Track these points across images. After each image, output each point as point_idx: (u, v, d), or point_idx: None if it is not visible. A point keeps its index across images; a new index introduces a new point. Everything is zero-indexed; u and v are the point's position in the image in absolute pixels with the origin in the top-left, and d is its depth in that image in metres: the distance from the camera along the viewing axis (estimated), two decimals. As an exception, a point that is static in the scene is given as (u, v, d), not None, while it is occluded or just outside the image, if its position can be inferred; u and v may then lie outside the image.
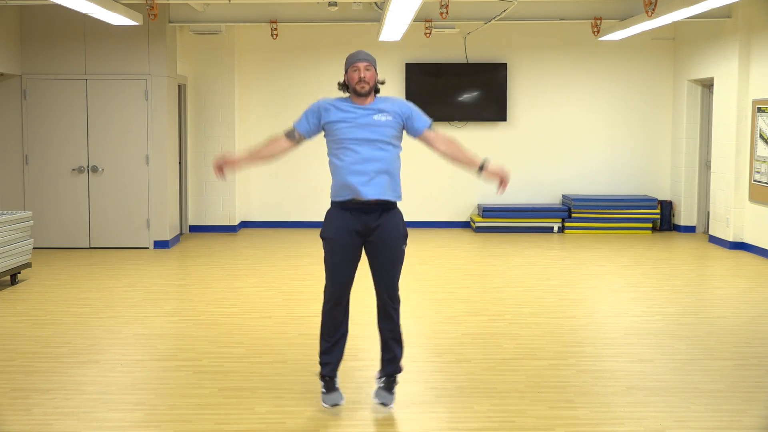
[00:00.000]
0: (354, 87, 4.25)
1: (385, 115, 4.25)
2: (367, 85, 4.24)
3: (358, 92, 4.25)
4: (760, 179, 9.24)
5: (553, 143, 11.53)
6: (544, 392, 4.66)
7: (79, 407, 4.43)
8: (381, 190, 4.23)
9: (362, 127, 4.22)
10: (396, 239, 4.31)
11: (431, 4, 8.93)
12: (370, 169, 4.20)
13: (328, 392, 4.37)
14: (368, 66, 4.26)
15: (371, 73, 4.26)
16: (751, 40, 9.47)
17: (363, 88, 4.24)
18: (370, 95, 4.29)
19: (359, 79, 4.23)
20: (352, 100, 4.29)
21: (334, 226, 4.30)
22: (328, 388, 4.38)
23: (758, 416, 4.33)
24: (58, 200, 9.67)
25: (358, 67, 4.24)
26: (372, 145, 4.21)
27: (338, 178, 4.27)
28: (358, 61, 4.26)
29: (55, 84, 9.62)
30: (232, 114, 11.09)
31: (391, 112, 4.28)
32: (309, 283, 7.64)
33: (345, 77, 4.30)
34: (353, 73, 4.25)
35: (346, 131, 4.23)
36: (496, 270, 8.49)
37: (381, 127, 4.23)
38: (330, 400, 4.35)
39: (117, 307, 6.81)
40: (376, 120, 4.23)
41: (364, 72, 4.24)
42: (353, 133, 4.22)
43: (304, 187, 11.41)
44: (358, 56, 4.28)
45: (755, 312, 6.62)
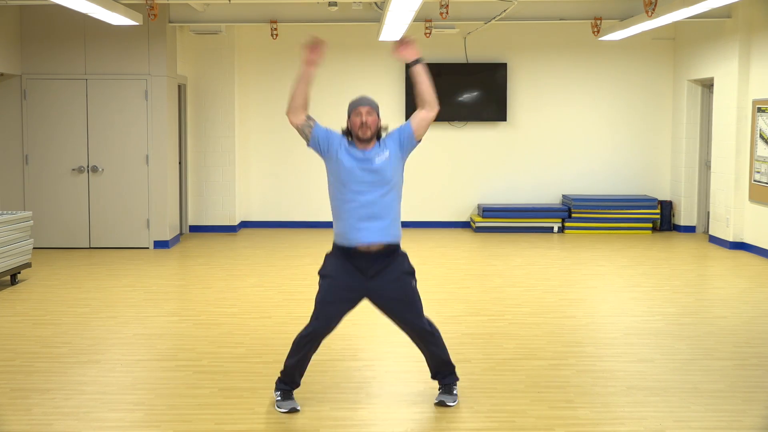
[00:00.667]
0: (356, 133, 4.23)
1: (386, 154, 4.24)
2: (369, 130, 4.22)
3: (360, 138, 4.23)
4: (760, 179, 9.24)
5: (553, 143, 11.53)
6: (544, 392, 4.66)
7: (79, 407, 4.43)
8: (381, 235, 4.21)
9: (366, 172, 4.20)
10: (401, 277, 4.30)
11: (431, 4, 8.92)
12: (372, 215, 4.19)
13: (284, 399, 4.37)
14: (370, 111, 4.23)
15: (373, 118, 4.23)
16: (751, 40, 9.47)
17: (365, 134, 4.22)
18: (372, 141, 4.27)
19: (361, 124, 4.21)
20: (356, 145, 4.26)
21: (335, 265, 4.29)
22: (285, 397, 4.38)
23: (758, 416, 4.33)
24: (58, 200, 9.67)
25: (360, 112, 4.22)
26: (375, 189, 4.20)
27: (341, 224, 4.26)
28: (360, 106, 4.24)
29: (55, 84, 9.62)
30: (232, 114, 11.09)
31: (389, 146, 4.27)
32: (309, 283, 7.63)
33: (348, 122, 4.28)
34: (356, 118, 4.23)
35: (349, 174, 4.20)
36: (496, 270, 8.49)
37: (384, 170, 4.22)
38: (287, 405, 4.34)
39: (117, 307, 6.81)
40: (378, 164, 4.21)
41: (366, 117, 4.21)
42: (357, 177, 4.20)
43: (304, 187, 11.41)
44: (360, 101, 4.26)
45: (755, 312, 6.62)
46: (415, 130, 4.30)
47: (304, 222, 11.48)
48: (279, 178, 11.53)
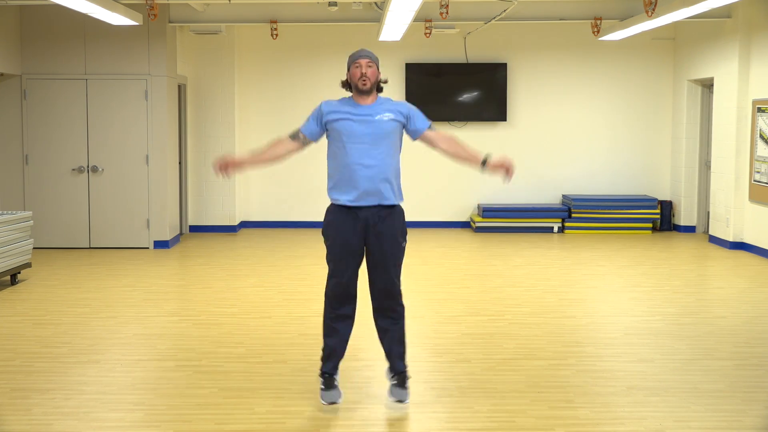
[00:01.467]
0: (356, 83, 4.27)
1: (387, 115, 4.27)
2: (369, 81, 4.25)
3: (360, 89, 4.26)
4: (760, 179, 9.24)
5: (553, 143, 11.53)
6: (544, 392, 4.66)
7: (79, 407, 4.43)
8: (381, 195, 4.26)
9: (363, 125, 4.23)
10: (395, 235, 4.33)
11: (431, 4, 8.92)
12: (371, 174, 4.21)
13: (327, 389, 4.38)
14: (370, 63, 4.28)
15: (373, 70, 4.27)
16: (751, 40, 9.47)
17: (365, 84, 4.25)
18: (372, 94, 4.30)
19: (361, 75, 4.24)
20: (354, 99, 4.31)
21: (336, 223, 4.32)
22: (327, 385, 4.39)
23: (758, 416, 4.33)
24: (58, 200, 9.67)
25: (360, 64, 4.26)
26: (373, 145, 4.23)
27: (339, 180, 4.28)
28: (360, 58, 4.27)
29: (55, 84, 9.62)
30: (232, 114, 11.09)
31: (393, 111, 4.30)
32: (309, 283, 7.64)
33: (347, 75, 4.32)
34: (355, 69, 4.27)
35: (347, 129, 4.24)
36: (496, 270, 8.49)
37: (383, 127, 4.25)
38: (328, 397, 4.36)
39: (117, 307, 6.81)
40: (377, 120, 4.25)
41: (366, 68, 4.25)
42: (354, 130, 4.23)
43: (304, 187, 11.41)
44: (360, 53, 4.29)
45: (755, 312, 6.62)
46: (421, 136, 4.37)
47: (304, 222, 11.48)
48: (279, 178, 11.52)
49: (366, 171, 4.22)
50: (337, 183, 4.30)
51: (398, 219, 4.35)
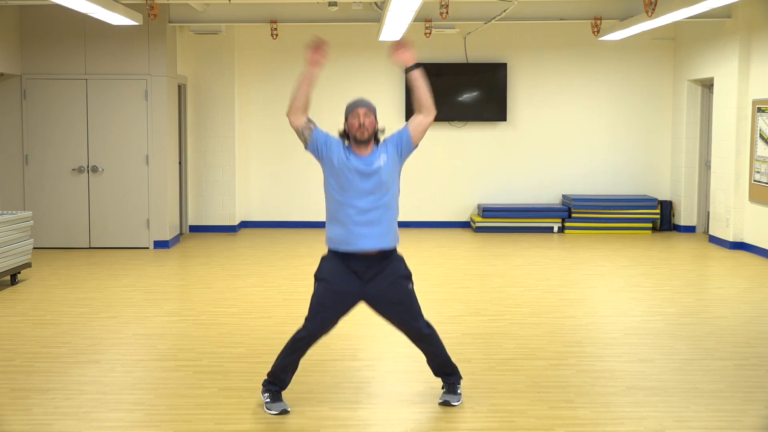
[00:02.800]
0: (354, 134, 4.20)
1: (383, 159, 4.22)
2: (367, 131, 4.19)
3: (358, 139, 4.20)
4: (760, 179, 9.24)
5: (553, 143, 11.53)
6: (544, 392, 4.66)
7: (79, 407, 4.43)
8: (379, 241, 4.20)
9: (364, 178, 4.18)
10: (398, 281, 4.28)
11: (431, 4, 8.92)
12: (370, 221, 4.18)
13: (274, 401, 4.34)
14: (367, 112, 4.21)
15: (371, 120, 4.20)
16: (751, 40, 9.47)
17: (363, 135, 4.19)
18: (370, 144, 4.24)
19: (359, 126, 4.18)
20: (353, 149, 4.24)
21: (332, 269, 4.29)
22: (274, 398, 4.35)
23: (758, 416, 4.33)
24: (58, 200, 9.67)
25: (357, 114, 4.20)
26: (373, 195, 4.19)
27: (338, 229, 4.24)
28: (357, 107, 4.21)
29: (55, 84, 9.62)
30: (232, 114, 11.09)
31: (387, 150, 4.25)
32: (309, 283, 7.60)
33: (345, 125, 4.25)
34: (353, 120, 4.21)
35: (347, 181, 4.18)
36: (496, 270, 8.49)
37: (382, 174, 4.20)
38: (278, 407, 4.31)
39: (117, 307, 6.81)
40: (377, 168, 4.19)
41: (364, 118, 4.19)
42: (355, 183, 4.18)
43: (304, 187, 11.40)
44: (357, 103, 4.24)
45: (755, 312, 6.62)
46: (413, 135, 4.29)
47: (304, 222, 11.48)
48: (279, 179, 11.53)
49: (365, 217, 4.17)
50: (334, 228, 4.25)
51: (398, 265, 4.31)
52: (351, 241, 4.19)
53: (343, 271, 4.25)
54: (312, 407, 4.40)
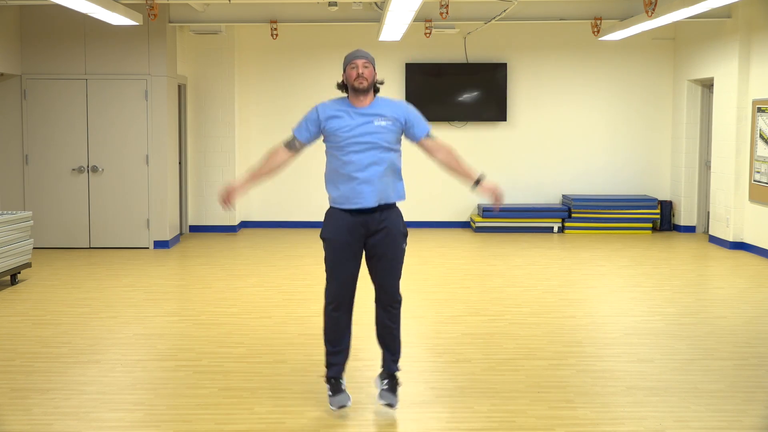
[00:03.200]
0: (352, 84, 4.21)
1: (384, 120, 4.22)
2: (366, 81, 4.20)
3: (357, 89, 4.20)
4: (760, 179, 9.24)
5: (553, 143, 11.52)
6: (544, 392, 4.66)
7: (79, 407, 4.43)
8: (382, 195, 4.22)
9: (362, 135, 4.18)
10: (396, 238, 4.29)
11: (431, 4, 8.92)
12: (371, 176, 4.18)
13: (335, 394, 4.33)
14: (366, 63, 4.23)
15: (369, 70, 4.22)
16: (751, 40, 9.47)
17: (361, 84, 4.19)
18: (369, 94, 4.26)
19: (357, 75, 4.19)
20: (350, 101, 4.25)
21: (335, 226, 4.28)
22: (335, 390, 4.34)
23: (758, 416, 4.33)
24: (58, 200, 9.67)
25: (356, 64, 4.22)
26: (372, 151, 4.18)
27: (339, 186, 4.24)
28: (356, 58, 4.24)
29: (55, 84, 9.62)
30: (232, 114, 11.09)
31: (390, 117, 4.24)
32: (309, 283, 7.64)
33: (343, 76, 4.28)
34: (351, 70, 4.22)
35: (345, 138, 4.19)
36: (496, 270, 8.49)
37: (380, 134, 4.20)
38: (337, 402, 4.31)
39: (117, 307, 6.81)
40: (376, 126, 4.20)
41: (362, 69, 4.20)
42: (353, 140, 4.18)
43: (304, 187, 11.40)
44: (356, 54, 4.26)
45: (755, 312, 6.62)
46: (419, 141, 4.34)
47: (304, 222, 11.48)
48: (279, 179, 11.46)
49: (366, 173, 4.17)
50: (336, 187, 4.26)
51: (398, 221, 4.31)
52: (354, 199, 4.20)
53: (346, 223, 4.24)
54: (312, 407, 4.40)
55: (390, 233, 4.27)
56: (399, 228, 4.31)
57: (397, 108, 4.30)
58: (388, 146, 4.23)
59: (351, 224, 4.24)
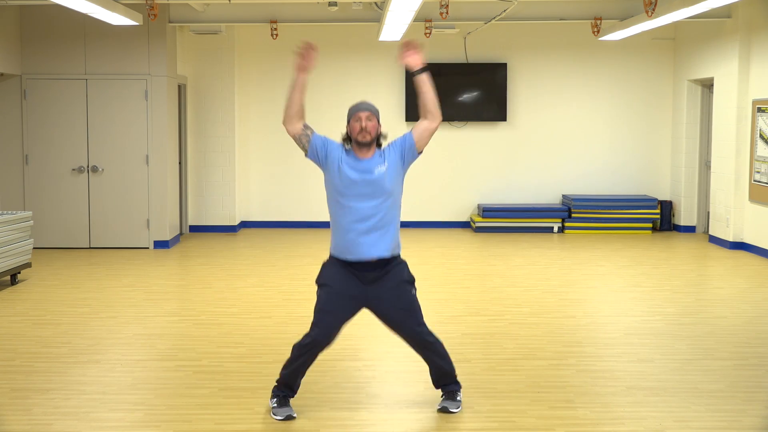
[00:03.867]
0: (356, 138, 4.17)
1: (385, 165, 4.17)
2: (369, 135, 4.15)
3: (360, 142, 4.16)
4: (760, 179, 9.24)
5: (553, 143, 11.52)
6: (544, 392, 4.66)
7: (79, 407, 4.43)
8: (380, 249, 4.15)
9: (364, 182, 4.14)
10: (401, 286, 4.23)
11: (431, 4, 8.92)
12: (371, 228, 4.13)
13: (281, 406, 4.29)
14: (370, 116, 4.17)
15: (373, 123, 4.16)
16: (751, 40, 9.47)
17: (365, 138, 4.15)
18: (372, 148, 4.21)
19: (361, 129, 4.14)
20: (355, 152, 4.20)
21: (333, 274, 4.24)
22: (281, 404, 4.30)
23: (758, 416, 4.33)
24: (58, 200, 9.67)
25: (360, 117, 4.16)
26: (373, 200, 4.14)
27: (339, 236, 4.20)
28: (360, 111, 4.17)
29: (55, 84, 9.62)
30: (232, 114, 11.09)
31: (388, 157, 4.20)
32: (309, 283, 7.60)
33: (347, 128, 4.22)
34: (355, 123, 4.17)
35: (347, 183, 4.15)
36: (496, 270, 8.49)
37: (383, 181, 4.16)
38: (283, 412, 4.26)
39: (117, 307, 6.81)
40: (378, 174, 4.15)
41: (366, 122, 4.15)
42: (354, 187, 4.14)
43: (304, 187, 11.40)
44: (359, 106, 4.20)
45: (755, 312, 6.62)
46: (417, 141, 4.23)
47: (304, 222, 11.48)
48: (279, 179, 11.53)
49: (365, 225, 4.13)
50: (337, 238, 4.22)
51: (401, 270, 4.26)
52: (352, 250, 4.15)
53: (345, 274, 4.21)
54: (312, 407, 4.40)
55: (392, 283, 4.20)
56: (402, 276, 4.25)
57: (394, 146, 4.25)
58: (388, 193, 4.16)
59: (350, 274, 4.19)
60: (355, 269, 4.19)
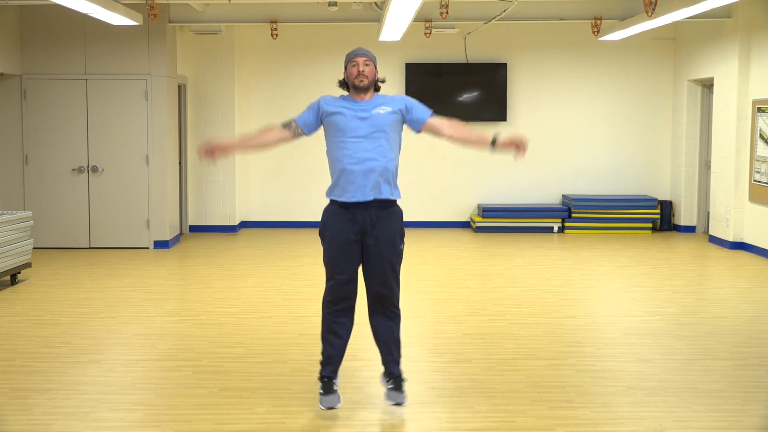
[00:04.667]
0: (353, 82, 4.23)
1: (384, 108, 4.23)
2: (366, 79, 4.22)
3: (357, 87, 4.22)
4: (760, 179, 9.24)
5: (553, 143, 11.52)
6: (544, 392, 4.66)
7: (79, 407, 4.43)
8: (378, 190, 4.19)
9: (361, 120, 4.18)
10: (394, 238, 4.27)
11: (431, 4, 8.93)
12: (369, 169, 4.16)
13: (326, 394, 4.31)
14: (367, 61, 4.25)
15: (370, 68, 4.24)
16: (751, 40, 9.47)
17: (362, 82, 4.21)
18: (370, 91, 4.27)
19: (358, 73, 4.21)
20: (352, 97, 4.27)
21: (334, 223, 4.26)
22: (326, 390, 4.32)
23: (758, 416, 4.33)
24: (58, 200, 9.67)
25: (356, 62, 4.24)
26: (371, 140, 4.17)
27: (337, 178, 4.24)
28: (357, 56, 4.25)
29: (55, 84, 9.62)
30: (232, 114, 11.09)
31: (390, 103, 4.26)
32: (309, 283, 7.64)
33: (344, 74, 4.29)
34: (352, 68, 4.24)
35: (344, 123, 4.19)
36: (496, 270, 8.49)
37: (380, 120, 4.19)
38: (327, 402, 4.29)
39: (117, 307, 6.81)
40: (375, 113, 4.19)
41: (363, 66, 4.22)
42: (351, 126, 4.18)
43: (304, 187, 11.40)
44: (357, 51, 4.28)
45: (755, 312, 6.62)
46: (424, 125, 4.30)
47: (304, 222, 11.48)
48: (279, 178, 11.53)
49: (363, 165, 4.16)
50: (335, 180, 4.26)
51: (397, 220, 4.29)
52: (351, 190, 4.18)
53: (345, 220, 4.23)
54: (312, 407, 4.40)
55: (387, 232, 4.23)
56: (397, 227, 4.28)
57: (397, 99, 4.32)
58: (387, 134, 4.19)
59: (350, 220, 4.22)
60: (354, 211, 4.20)
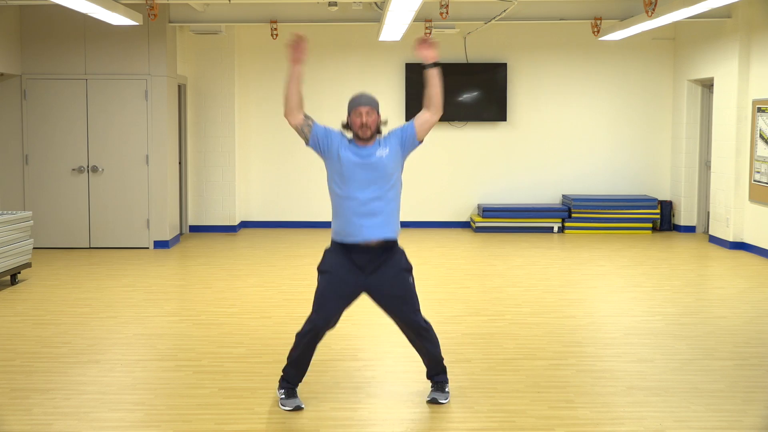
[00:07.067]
0: (356, 132, 4.30)
1: (383, 151, 4.29)
2: (369, 130, 4.29)
3: (361, 137, 4.29)
4: (760, 179, 9.24)
5: (553, 143, 11.53)
6: (544, 392, 4.66)
7: (79, 407, 4.43)
8: (380, 231, 4.25)
9: (365, 169, 4.25)
10: (399, 274, 4.33)
11: (431, 4, 8.92)
12: (372, 211, 4.23)
13: (288, 398, 4.38)
14: (369, 111, 4.28)
15: (373, 118, 4.29)
16: (751, 40, 9.47)
17: (365, 134, 4.29)
18: (372, 138, 4.33)
19: (362, 124, 4.27)
20: (355, 142, 4.32)
21: (334, 261, 4.33)
22: (288, 395, 4.39)
23: (758, 416, 4.33)
24: (58, 200, 9.67)
25: (360, 112, 4.28)
26: (374, 186, 4.25)
27: (341, 220, 4.29)
28: (360, 106, 4.29)
29: (55, 84, 9.62)
30: (232, 114, 11.09)
31: (388, 145, 4.32)
32: (309, 283, 7.61)
33: (348, 119, 4.33)
34: (356, 118, 4.29)
35: (348, 168, 4.25)
36: (496, 270, 8.49)
37: (383, 165, 4.27)
38: (291, 403, 4.36)
39: (117, 307, 6.81)
40: (378, 157, 4.26)
41: (366, 117, 4.27)
42: (355, 171, 4.24)
43: (304, 187, 11.41)
44: (359, 101, 4.31)
45: (755, 312, 6.62)
46: (417, 130, 4.37)
47: (304, 222, 11.48)
48: (279, 178, 11.53)
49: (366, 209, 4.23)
50: (338, 222, 4.32)
51: (399, 257, 4.36)
52: (353, 232, 4.25)
53: (346, 262, 4.30)
54: (312, 407, 4.40)
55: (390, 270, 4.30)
56: (400, 264, 4.34)
57: (392, 135, 4.38)
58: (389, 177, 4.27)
59: (351, 261, 4.28)
60: (356, 255, 4.27)
